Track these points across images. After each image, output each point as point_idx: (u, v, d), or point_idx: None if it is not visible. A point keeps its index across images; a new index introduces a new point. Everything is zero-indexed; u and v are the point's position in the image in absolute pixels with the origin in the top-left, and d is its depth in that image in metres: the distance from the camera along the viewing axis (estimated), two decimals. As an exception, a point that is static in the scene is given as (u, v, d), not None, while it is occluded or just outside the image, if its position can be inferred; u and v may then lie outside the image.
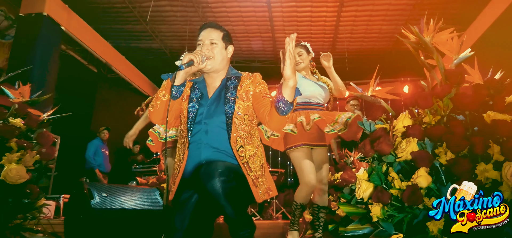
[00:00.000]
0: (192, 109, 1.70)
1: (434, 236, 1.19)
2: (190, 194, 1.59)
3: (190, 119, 1.68)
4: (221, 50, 1.74)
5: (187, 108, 1.71)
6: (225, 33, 1.79)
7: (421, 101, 1.43)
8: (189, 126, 1.67)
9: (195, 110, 1.70)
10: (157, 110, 1.69)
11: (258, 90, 1.73)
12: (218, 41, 1.73)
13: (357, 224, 1.52)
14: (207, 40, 1.73)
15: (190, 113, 1.69)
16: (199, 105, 1.71)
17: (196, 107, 1.70)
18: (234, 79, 1.77)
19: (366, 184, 1.39)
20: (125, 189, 3.28)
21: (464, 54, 1.61)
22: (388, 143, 1.40)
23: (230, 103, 1.69)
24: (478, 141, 1.23)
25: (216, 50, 1.71)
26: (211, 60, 1.70)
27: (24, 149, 1.62)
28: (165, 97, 1.66)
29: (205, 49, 1.70)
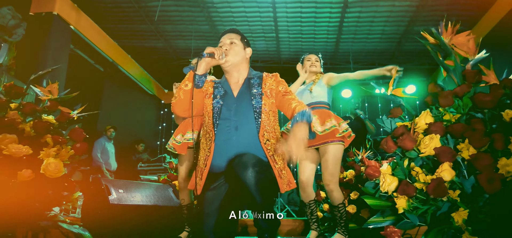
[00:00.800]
0: (217, 105, 1.78)
1: (458, 226, 1.27)
2: (220, 184, 1.66)
3: (216, 114, 1.76)
4: (240, 49, 1.85)
5: (212, 104, 1.79)
6: (243, 36, 1.92)
7: (441, 100, 1.51)
8: (215, 121, 1.75)
9: (219, 106, 1.78)
10: (180, 100, 1.77)
11: (280, 88, 1.82)
12: (236, 41, 1.85)
13: (379, 216, 1.59)
14: (227, 40, 1.84)
15: (215, 109, 1.77)
16: (224, 102, 1.79)
17: (220, 103, 1.78)
18: (256, 78, 1.86)
19: (390, 178, 1.47)
20: (140, 185, 3.35)
21: (480, 56, 1.69)
22: (411, 139, 1.47)
23: (257, 98, 1.78)
24: (498, 137, 1.31)
25: (235, 49, 1.83)
26: (231, 57, 1.80)
27: (59, 144, 1.69)
28: (187, 87, 1.75)
29: (225, 47, 1.81)
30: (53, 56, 4.75)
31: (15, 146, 1.54)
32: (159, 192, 3.35)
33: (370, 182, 1.60)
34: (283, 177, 1.72)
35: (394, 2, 6.37)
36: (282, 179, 1.70)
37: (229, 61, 1.79)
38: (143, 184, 3.44)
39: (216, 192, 1.67)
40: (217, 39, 1.99)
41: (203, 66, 1.71)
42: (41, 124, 1.68)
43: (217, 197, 1.65)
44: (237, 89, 1.83)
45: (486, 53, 1.73)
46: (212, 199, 1.64)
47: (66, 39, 5.15)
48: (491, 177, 1.24)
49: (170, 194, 3.41)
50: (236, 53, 1.82)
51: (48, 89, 2.00)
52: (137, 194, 3.14)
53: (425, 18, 6.71)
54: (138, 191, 3.19)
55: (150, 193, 3.27)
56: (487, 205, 1.28)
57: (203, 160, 1.77)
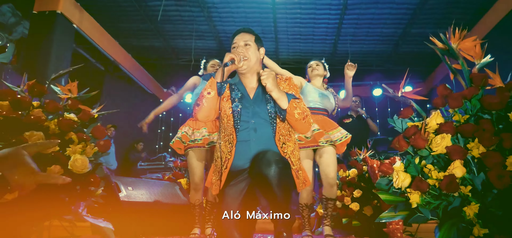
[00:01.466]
0: (236, 108, 1.82)
1: (470, 220, 1.36)
2: (240, 180, 1.73)
3: (236, 117, 1.80)
4: (255, 51, 1.89)
5: (231, 108, 1.83)
6: (257, 36, 1.94)
7: (451, 101, 1.60)
8: (236, 124, 1.79)
9: (239, 110, 1.82)
10: (204, 108, 1.80)
11: (291, 93, 1.89)
12: (251, 43, 1.88)
13: (391, 211, 1.68)
14: (241, 42, 1.88)
15: (235, 112, 1.82)
16: (242, 105, 1.84)
17: (239, 107, 1.83)
18: None
19: (403, 174, 1.56)
20: (148, 183, 3.41)
21: (486, 60, 1.79)
22: (423, 139, 1.56)
23: (272, 103, 1.83)
24: (507, 137, 1.40)
25: (250, 51, 1.87)
26: (247, 61, 1.84)
27: (84, 141, 1.74)
28: (210, 95, 1.79)
29: (240, 50, 1.85)
30: (56, 54, 4.77)
31: (43, 143, 1.60)
32: (167, 189, 3.40)
33: (383, 179, 1.69)
34: (300, 177, 1.81)
35: (392, 4, 6.49)
36: (298, 179, 1.79)
37: (245, 65, 1.84)
38: (151, 182, 3.50)
39: (237, 188, 1.74)
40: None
41: (225, 74, 1.77)
42: (66, 122, 1.74)
43: (238, 193, 1.72)
44: (252, 92, 1.89)
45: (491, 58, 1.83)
46: (233, 195, 1.71)
47: (69, 38, 5.18)
48: (500, 174, 1.33)
49: (177, 191, 3.47)
50: (252, 56, 1.86)
51: (68, 88, 2.05)
52: (145, 191, 3.20)
53: (423, 21, 6.85)
54: (146, 188, 3.25)
55: (158, 191, 3.33)
56: (496, 200, 1.37)
57: (223, 161, 1.82)
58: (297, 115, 1.77)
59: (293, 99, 1.78)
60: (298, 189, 1.79)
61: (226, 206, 1.73)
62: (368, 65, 8.68)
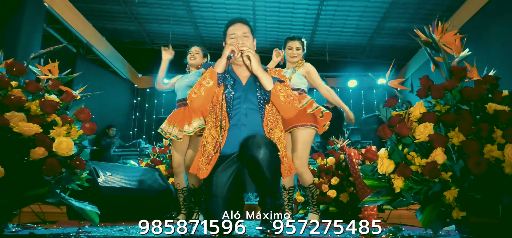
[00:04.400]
0: (229, 94, 1.87)
1: (449, 203, 1.45)
2: (229, 164, 1.75)
3: (229, 103, 1.84)
4: (252, 43, 1.97)
5: (224, 94, 1.87)
6: (251, 27, 2.01)
7: (434, 92, 1.68)
8: (229, 110, 1.83)
9: (231, 96, 1.86)
10: (201, 97, 1.81)
11: (278, 87, 1.92)
12: (249, 35, 1.95)
13: (374, 197, 1.75)
14: (240, 32, 1.93)
15: (228, 98, 1.86)
16: (235, 91, 1.88)
17: (232, 93, 1.87)
18: None
19: (387, 161, 1.63)
20: (126, 168, 3.35)
21: (464, 54, 1.89)
22: (407, 127, 1.64)
23: (262, 91, 1.88)
24: (484, 127, 1.49)
25: (249, 42, 1.93)
26: (251, 54, 1.86)
27: (69, 124, 1.69)
28: (209, 84, 1.81)
29: (241, 41, 1.91)
30: (26, 34, 4.53)
31: (26, 124, 1.54)
32: (146, 175, 3.36)
33: (368, 165, 1.75)
34: (285, 163, 1.86)
35: (369, -2, 6.64)
36: (284, 165, 1.84)
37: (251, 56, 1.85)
38: (129, 167, 3.44)
39: (226, 173, 1.76)
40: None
41: (223, 64, 1.81)
42: (49, 103, 1.68)
43: (226, 177, 1.74)
44: (245, 80, 1.94)
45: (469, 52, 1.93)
46: (221, 179, 1.73)
47: (40, 17, 4.93)
48: (478, 160, 1.42)
49: (157, 177, 3.43)
50: (250, 47, 1.91)
51: (48, 68, 1.97)
52: (124, 177, 3.14)
53: (397, 15, 7.05)
54: (125, 174, 3.19)
55: (138, 176, 3.28)
56: (473, 185, 1.47)
57: (213, 146, 1.84)
58: (283, 98, 1.83)
59: (278, 82, 1.85)
60: (282, 175, 1.83)
61: (215, 189, 1.74)
62: (344, 57, 8.85)
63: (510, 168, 1.40)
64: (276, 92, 1.82)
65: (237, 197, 1.83)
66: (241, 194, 1.88)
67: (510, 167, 1.40)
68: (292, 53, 3.05)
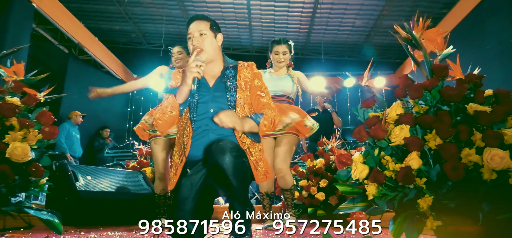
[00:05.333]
0: (192, 99, 1.75)
1: (423, 212, 1.35)
2: (197, 170, 1.66)
3: (192, 110, 1.73)
4: (212, 40, 1.80)
5: (188, 100, 1.75)
6: (212, 22, 1.85)
7: (412, 92, 1.58)
8: (192, 116, 1.73)
9: (195, 101, 1.75)
10: (165, 123, 1.76)
11: (256, 82, 1.82)
12: (206, 32, 1.78)
13: (350, 203, 1.66)
14: (196, 32, 1.77)
15: (191, 104, 1.75)
16: (199, 96, 1.76)
17: (196, 98, 1.75)
18: (231, 69, 1.84)
19: (361, 166, 1.53)
20: (109, 171, 3.27)
21: (448, 52, 1.78)
22: (383, 129, 1.54)
23: (232, 92, 1.77)
24: (463, 129, 1.39)
25: (207, 41, 1.77)
26: (204, 52, 1.76)
27: (26, 128, 1.61)
28: (173, 114, 1.73)
29: (196, 42, 1.76)
30: (13, 34, 4.46)
31: (-23, 128, 1.46)
32: (129, 178, 3.28)
33: (342, 170, 1.66)
34: (260, 169, 1.74)
35: (365, -4, 6.53)
36: (257, 170, 1.72)
37: (203, 57, 1.75)
38: (112, 171, 3.36)
39: (193, 178, 1.67)
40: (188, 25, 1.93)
41: (184, 93, 1.69)
42: (6, 106, 1.59)
43: (193, 183, 1.65)
44: (212, 81, 1.81)
45: (453, 49, 1.83)
46: (188, 185, 1.64)
47: (28, 17, 4.85)
48: (455, 166, 1.32)
49: (140, 180, 3.35)
50: (209, 46, 1.77)
51: (13, 69, 1.89)
52: (106, 181, 3.06)
53: (394, 13, 6.94)
54: (107, 178, 3.12)
55: (120, 180, 3.20)
56: (450, 192, 1.37)
57: (179, 155, 1.75)
58: (266, 129, 1.73)
59: (260, 120, 1.69)
60: (257, 180, 1.73)
61: (181, 196, 1.65)
62: (340, 56, 8.74)
63: (489, 173, 1.31)
64: (262, 132, 1.76)
65: (206, 203, 1.74)
66: (210, 200, 1.78)
67: (489, 173, 1.31)
68: (279, 58, 2.96)
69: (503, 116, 1.44)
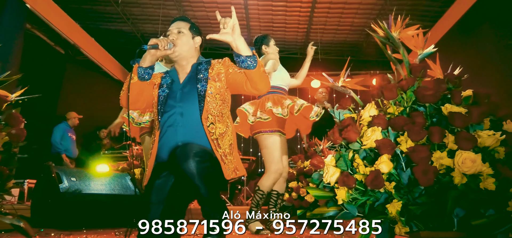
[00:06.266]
0: (162, 93, 1.78)
1: (392, 217, 1.30)
2: (166, 176, 1.63)
3: (161, 103, 1.75)
4: (188, 39, 1.83)
5: (157, 94, 1.78)
6: (192, 24, 1.88)
7: (386, 93, 1.52)
8: (159, 109, 1.73)
9: (165, 95, 1.77)
10: (124, 93, 1.72)
11: (230, 70, 1.80)
12: (184, 31, 1.82)
13: (324, 207, 1.60)
14: (175, 29, 1.82)
15: (160, 98, 1.76)
16: (169, 90, 1.78)
17: (166, 92, 1.78)
18: (204, 64, 1.85)
19: (333, 169, 1.48)
20: (95, 173, 3.24)
21: (428, 51, 1.72)
22: (355, 131, 1.48)
23: (202, 82, 1.77)
24: (435, 131, 1.33)
25: (183, 38, 1.80)
26: (178, 47, 1.77)
27: (-9, 130, 1.58)
28: (133, 80, 1.70)
29: (172, 37, 1.79)
30: (4, 35, 4.46)
31: None
32: (115, 180, 3.24)
33: (315, 173, 1.61)
34: (228, 162, 1.70)
35: (362, -6, 6.45)
36: (225, 164, 1.68)
37: (176, 52, 1.77)
38: (98, 173, 3.33)
39: (163, 181, 1.64)
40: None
41: (148, 59, 1.69)
42: (-29, 108, 1.57)
43: (163, 186, 1.62)
44: (184, 76, 1.82)
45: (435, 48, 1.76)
46: (158, 188, 1.61)
47: (20, 17, 4.85)
48: (425, 169, 1.27)
49: (127, 182, 3.32)
50: (184, 43, 1.80)
51: (-16, 71, 1.86)
52: (91, 183, 3.03)
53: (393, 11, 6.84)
54: (93, 180, 3.08)
55: (106, 181, 3.17)
56: (422, 196, 1.31)
57: (151, 149, 1.75)
58: (262, 67, 1.67)
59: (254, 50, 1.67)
60: (225, 176, 1.67)
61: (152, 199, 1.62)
62: (340, 56, 8.66)
63: (460, 178, 1.25)
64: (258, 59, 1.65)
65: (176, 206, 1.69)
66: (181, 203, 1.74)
67: (460, 177, 1.24)
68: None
69: (479, 118, 1.37)
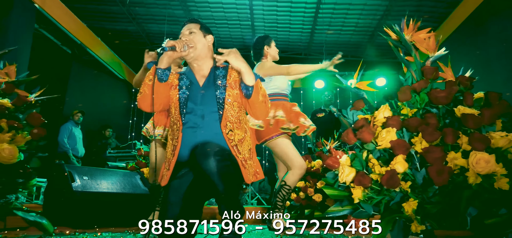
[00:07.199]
0: (183, 95, 1.80)
1: (408, 216, 1.33)
2: (185, 172, 1.67)
3: (182, 104, 1.78)
4: (200, 38, 1.86)
5: (178, 95, 1.81)
6: (202, 24, 1.93)
7: (400, 95, 1.56)
8: (181, 111, 1.76)
9: (185, 96, 1.79)
10: (145, 95, 1.76)
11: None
12: (196, 30, 1.87)
13: (338, 206, 1.64)
14: (186, 31, 1.87)
15: (181, 99, 1.79)
16: (190, 92, 1.81)
17: (186, 94, 1.80)
18: (222, 70, 1.87)
19: (349, 169, 1.52)
20: (106, 172, 3.28)
21: (439, 53, 1.76)
22: (370, 132, 1.52)
23: (221, 90, 1.80)
24: (449, 132, 1.37)
25: (196, 38, 1.84)
26: (193, 48, 1.81)
27: (15, 129, 1.62)
28: (151, 81, 1.75)
29: (185, 38, 1.83)
30: (14, 35, 4.51)
31: (-35, 130, 1.47)
32: (126, 179, 3.29)
33: (331, 172, 1.65)
34: (248, 167, 1.74)
35: (367, -5, 6.47)
36: (246, 169, 1.73)
37: (191, 53, 1.81)
38: (110, 171, 3.37)
39: (182, 181, 1.68)
40: None
41: (165, 60, 1.73)
42: (-6, 108, 1.61)
43: (182, 185, 1.66)
44: (202, 80, 1.85)
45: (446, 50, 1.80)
46: (177, 187, 1.65)
47: (30, 18, 4.90)
48: (440, 170, 1.30)
49: (138, 181, 3.36)
50: (197, 43, 1.83)
51: (5, 71, 1.91)
52: (103, 181, 3.08)
53: (398, 12, 6.86)
54: (104, 178, 3.13)
55: (117, 180, 3.21)
56: (436, 196, 1.35)
57: (171, 150, 1.79)
58: (261, 97, 1.74)
59: (259, 79, 1.76)
60: (246, 180, 1.72)
61: (170, 198, 1.66)
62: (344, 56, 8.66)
63: (475, 177, 1.28)
64: (258, 89, 1.73)
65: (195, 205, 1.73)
66: (199, 202, 1.78)
67: (474, 177, 1.28)
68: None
69: (491, 119, 1.41)
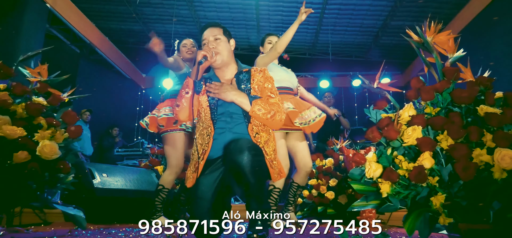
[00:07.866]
0: (212, 100, 1.85)
1: (436, 209, 1.41)
2: (215, 168, 1.73)
3: (213, 109, 1.83)
4: (226, 44, 1.91)
5: (208, 100, 1.86)
6: (224, 29, 1.96)
7: (424, 94, 1.64)
8: (213, 116, 1.82)
9: (215, 102, 1.85)
10: (183, 108, 1.81)
11: (267, 85, 1.90)
12: (221, 36, 1.89)
13: (363, 201, 1.72)
14: (211, 37, 1.89)
15: (211, 105, 1.85)
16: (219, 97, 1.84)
17: (215, 99, 1.85)
18: (245, 74, 1.94)
19: (375, 165, 1.59)
20: (123, 169, 3.35)
21: (459, 54, 1.83)
22: (395, 130, 1.59)
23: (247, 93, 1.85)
24: (474, 130, 1.44)
25: (222, 45, 1.88)
26: (220, 55, 1.87)
27: (54, 127, 1.69)
28: (188, 94, 1.80)
29: (211, 45, 1.87)
30: (27, 35, 4.57)
31: (10, 128, 1.54)
32: (142, 176, 3.36)
33: (356, 169, 1.72)
34: (274, 167, 1.82)
35: (373, -4, 6.55)
36: (273, 169, 1.80)
37: (218, 60, 1.86)
38: (126, 169, 3.45)
39: (211, 177, 1.74)
40: (197, 24, 2.03)
41: (200, 73, 1.79)
42: (34, 106, 1.68)
43: (211, 182, 1.72)
44: (228, 83, 1.89)
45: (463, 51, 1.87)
46: (206, 183, 1.71)
47: (42, 18, 4.96)
48: (466, 166, 1.38)
49: (154, 178, 3.43)
50: (224, 49, 1.88)
51: (37, 70, 1.97)
52: (120, 178, 3.15)
53: (402, 13, 6.95)
54: (121, 176, 3.20)
55: (134, 178, 3.28)
56: (461, 191, 1.42)
57: (200, 153, 1.82)
58: (262, 115, 1.77)
59: (254, 100, 1.79)
60: (272, 179, 1.80)
61: (200, 194, 1.72)
62: (348, 56, 8.76)
63: (500, 173, 1.36)
64: (254, 114, 1.78)
65: (223, 200, 1.80)
66: (228, 197, 1.85)
67: (499, 172, 1.35)
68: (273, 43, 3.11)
69: (513, 118, 1.48)
